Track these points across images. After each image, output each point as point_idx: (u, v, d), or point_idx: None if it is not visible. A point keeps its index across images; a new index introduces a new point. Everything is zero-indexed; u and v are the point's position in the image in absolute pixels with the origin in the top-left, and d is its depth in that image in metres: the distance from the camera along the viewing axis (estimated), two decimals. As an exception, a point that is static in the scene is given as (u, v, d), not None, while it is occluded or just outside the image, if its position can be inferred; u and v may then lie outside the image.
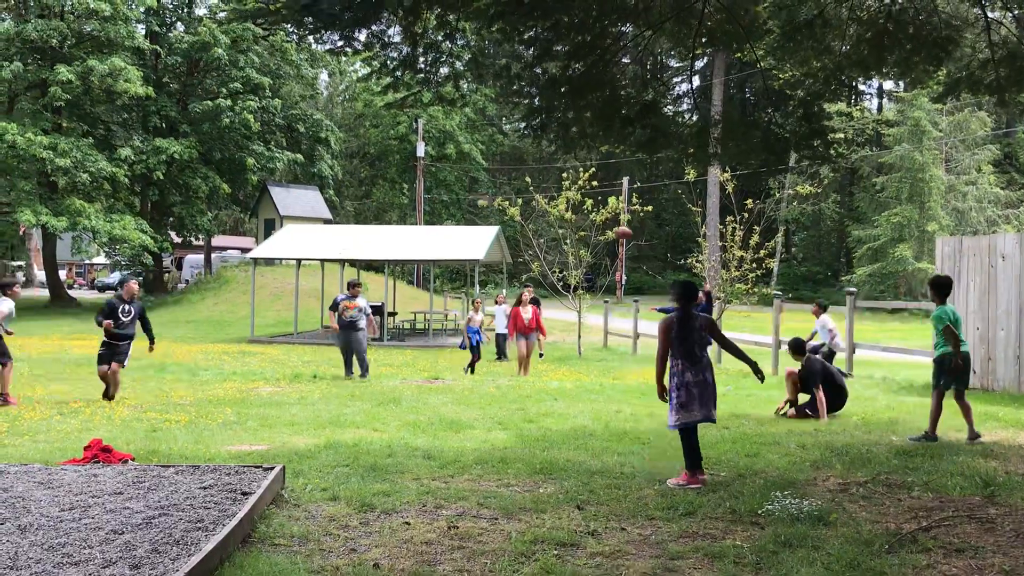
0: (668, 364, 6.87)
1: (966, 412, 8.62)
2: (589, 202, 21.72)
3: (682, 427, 6.75)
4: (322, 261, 28.64)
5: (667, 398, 6.87)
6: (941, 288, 8.79)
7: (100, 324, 11.93)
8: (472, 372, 16.75)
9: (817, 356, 10.80)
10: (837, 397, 10.30)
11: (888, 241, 44.02)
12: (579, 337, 21.70)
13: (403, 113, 54.52)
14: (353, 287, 15.39)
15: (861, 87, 57.47)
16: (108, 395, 11.99)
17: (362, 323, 15.27)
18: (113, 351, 11.94)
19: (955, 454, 7.71)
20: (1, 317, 11.92)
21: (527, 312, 15.91)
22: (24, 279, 59.33)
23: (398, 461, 7.41)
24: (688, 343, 6.76)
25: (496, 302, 20.55)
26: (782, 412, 10.38)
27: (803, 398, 10.37)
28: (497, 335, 20.12)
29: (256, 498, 5.57)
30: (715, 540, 5.27)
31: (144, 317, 12.28)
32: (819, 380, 10.08)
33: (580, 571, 4.70)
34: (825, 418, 9.95)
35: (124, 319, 11.96)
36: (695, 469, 6.69)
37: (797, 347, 10.57)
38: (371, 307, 16.27)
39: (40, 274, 54.64)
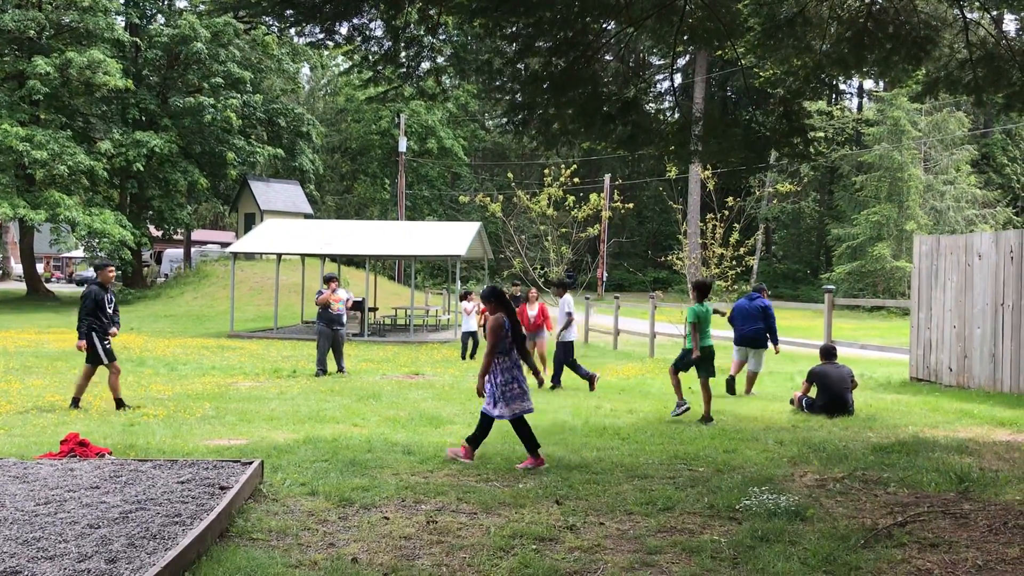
0: (496, 361, 7.49)
1: (707, 398, 9.86)
2: (571, 199, 21.77)
3: (517, 417, 7.41)
4: (302, 256, 28.49)
5: (484, 393, 7.57)
6: (701, 289, 10.26)
7: (105, 335, 10.94)
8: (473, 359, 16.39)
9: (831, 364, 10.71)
10: (833, 403, 10.23)
11: (867, 240, 44.33)
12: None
13: (385, 108, 54.33)
14: (331, 281, 15.29)
15: (841, 86, 57.83)
16: (120, 399, 11.03)
17: (345, 318, 15.20)
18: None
19: (931, 451, 7.78)
20: None
21: (533, 309, 15.09)
22: (1, 272, 58.78)
23: (377, 456, 7.40)
24: (518, 341, 7.54)
25: (464, 299, 19.72)
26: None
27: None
28: (463, 334, 19.55)
29: (234, 492, 5.55)
30: (693, 535, 5.30)
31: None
32: (811, 380, 10.43)
33: (558, 565, 4.71)
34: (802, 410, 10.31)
35: (110, 310, 11.09)
36: (537, 451, 7.35)
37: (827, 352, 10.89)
38: (353, 302, 16.14)
39: (17, 267, 54.11)
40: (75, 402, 10.82)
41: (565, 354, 13.66)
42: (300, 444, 7.91)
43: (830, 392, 10.18)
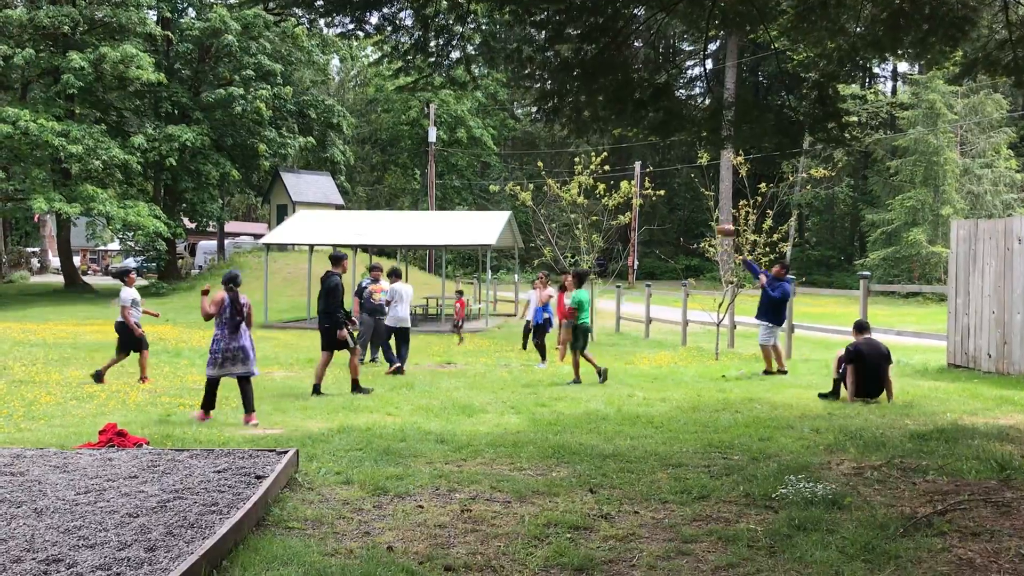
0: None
1: (576, 363, 12.47)
2: (601, 187, 21.65)
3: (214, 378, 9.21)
4: (334, 247, 28.63)
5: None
6: (580, 277, 13.06)
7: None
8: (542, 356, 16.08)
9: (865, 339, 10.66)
10: (870, 383, 10.20)
11: (902, 225, 43.75)
12: (591, 322, 21.64)
13: (415, 98, 54.43)
14: (375, 270, 15.33)
15: (875, 69, 57.04)
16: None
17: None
18: None
19: (970, 438, 7.66)
20: (129, 306, 12.78)
21: (566, 298, 15.36)
22: (39, 265, 59.68)
23: (411, 445, 7.43)
24: (238, 318, 9.36)
25: (534, 286, 18.43)
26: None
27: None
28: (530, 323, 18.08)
29: (270, 482, 5.59)
30: (729, 524, 5.26)
31: None
32: (847, 360, 10.29)
33: (593, 554, 4.70)
34: (849, 399, 10.12)
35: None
36: (209, 409, 9.25)
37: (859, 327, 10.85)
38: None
39: (55, 260, 54.89)
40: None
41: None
42: (334, 433, 7.95)
43: (865, 370, 10.13)
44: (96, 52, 34.14)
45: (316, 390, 11.26)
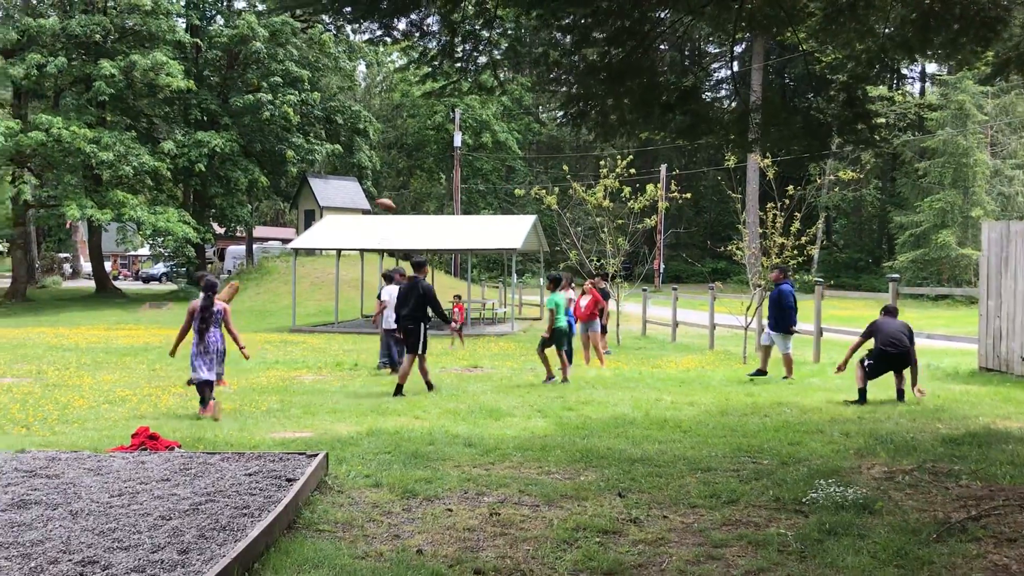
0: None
1: (564, 365, 12.90)
2: (627, 190, 21.61)
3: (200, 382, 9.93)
4: (361, 251, 28.81)
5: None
6: (556, 281, 13.58)
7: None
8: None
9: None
10: (892, 359, 10.24)
11: (931, 227, 43.32)
12: (617, 326, 21.62)
13: (440, 103, 54.59)
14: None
15: (903, 70, 56.47)
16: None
17: None
18: None
19: (1004, 443, 7.57)
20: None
21: (585, 299, 15.87)
22: (71, 270, 60.44)
23: (439, 448, 7.45)
24: (204, 324, 10.15)
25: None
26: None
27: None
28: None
29: (300, 484, 5.63)
30: (759, 528, 5.24)
31: None
32: (866, 334, 10.50)
33: (623, 558, 4.69)
34: (858, 377, 10.32)
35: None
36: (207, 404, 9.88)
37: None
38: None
39: (86, 266, 55.56)
40: None
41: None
42: (363, 436, 7.99)
43: (880, 341, 10.21)
44: (127, 60, 34.61)
45: (399, 390, 11.59)
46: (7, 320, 29.46)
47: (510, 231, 25.85)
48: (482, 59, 7.88)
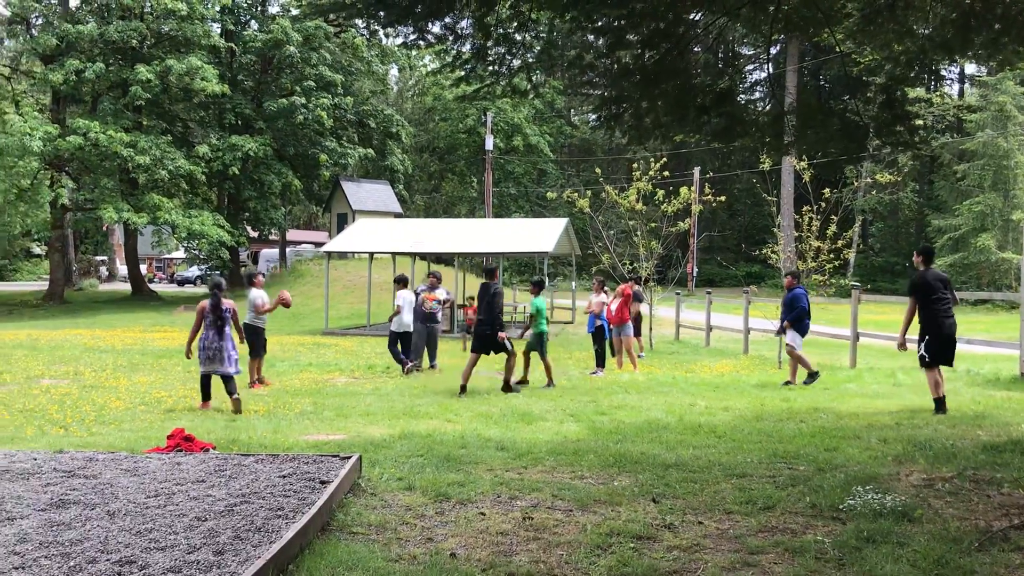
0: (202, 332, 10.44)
1: (547, 367, 13.05)
2: (660, 193, 21.50)
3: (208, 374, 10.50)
4: (393, 254, 28.90)
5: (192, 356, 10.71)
6: (539, 286, 13.55)
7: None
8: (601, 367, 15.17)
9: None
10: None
11: (970, 231, 42.70)
12: (651, 330, 21.50)
13: (471, 106, 54.70)
14: (433, 278, 15.47)
15: (941, 72, 55.73)
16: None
17: (440, 315, 15.34)
18: None
19: (1046, 450, 7.42)
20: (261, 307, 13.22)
21: (613, 304, 15.45)
22: (107, 273, 61.30)
23: (472, 452, 7.44)
24: (219, 322, 10.42)
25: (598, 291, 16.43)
26: None
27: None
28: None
29: (334, 487, 5.64)
30: (795, 535, 5.17)
31: None
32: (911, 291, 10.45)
33: (657, 564, 4.65)
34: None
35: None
36: (207, 400, 10.54)
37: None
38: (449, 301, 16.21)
39: (123, 268, 56.35)
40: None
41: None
42: (396, 439, 8.00)
43: (930, 316, 10.22)
44: (163, 65, 35.08)
45: (463, 390, 11.97)
46: (45, 322, 29.92)
47: (542, 234, 25.81)
48: (515, 62, 7.87)
